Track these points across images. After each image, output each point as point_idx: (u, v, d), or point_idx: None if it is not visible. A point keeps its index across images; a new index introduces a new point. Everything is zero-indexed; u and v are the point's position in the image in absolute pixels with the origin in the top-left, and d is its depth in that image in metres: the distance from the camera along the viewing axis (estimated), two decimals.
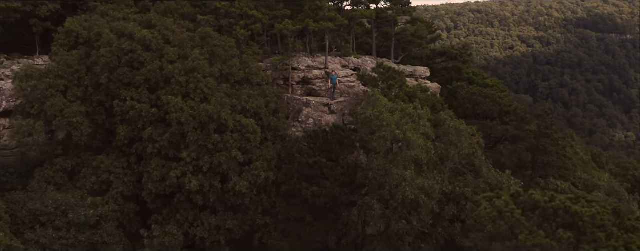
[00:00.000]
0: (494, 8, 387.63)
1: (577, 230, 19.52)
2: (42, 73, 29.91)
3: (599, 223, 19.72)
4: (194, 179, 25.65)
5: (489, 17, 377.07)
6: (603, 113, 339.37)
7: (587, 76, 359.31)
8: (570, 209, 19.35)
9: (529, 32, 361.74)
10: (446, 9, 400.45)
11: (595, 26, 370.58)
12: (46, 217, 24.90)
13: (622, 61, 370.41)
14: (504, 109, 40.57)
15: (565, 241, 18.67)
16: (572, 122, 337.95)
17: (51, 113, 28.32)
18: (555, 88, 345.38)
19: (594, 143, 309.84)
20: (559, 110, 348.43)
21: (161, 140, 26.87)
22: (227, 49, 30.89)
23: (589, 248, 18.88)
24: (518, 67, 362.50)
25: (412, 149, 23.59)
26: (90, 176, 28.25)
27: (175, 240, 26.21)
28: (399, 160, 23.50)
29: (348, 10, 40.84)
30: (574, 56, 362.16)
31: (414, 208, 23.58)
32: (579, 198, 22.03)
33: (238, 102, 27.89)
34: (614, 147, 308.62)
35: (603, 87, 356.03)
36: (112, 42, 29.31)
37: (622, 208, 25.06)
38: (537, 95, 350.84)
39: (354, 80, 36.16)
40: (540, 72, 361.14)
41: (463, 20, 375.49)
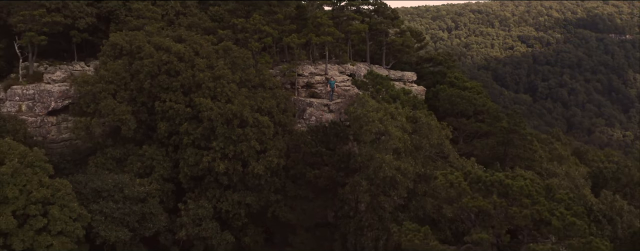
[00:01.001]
0: (494, 8, 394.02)
1: (509, 197, 26.87)
2: (96, 79, 37.30)
3: (526, 192, 27.05)
4: (222, 163, 33.04)
5: (489, 17, 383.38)
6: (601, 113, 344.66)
7: (586, 76, 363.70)
8: (503, 182, 26.72)
9: (529, 32, 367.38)
10: (447, 9, 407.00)
11: (595, 26, 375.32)
12: (106, 193, 32.30)
13: (621, 61, 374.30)
14: (478, 108, 47.88)
15: (498, 204, 26.03)
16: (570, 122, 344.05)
17: (105, 111, 35.71)
18: (554, 88, 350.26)
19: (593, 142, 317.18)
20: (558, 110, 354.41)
21: (195, 133, 34.29)
22: (245, 60, 38.35)
23: (517, 210, 26.22)
24: (518, 67, 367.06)
25: (391, 139, 30.97)
26: (136, 162, 35.67)
27: (206, 211, 33.63)
28: (381, 147, 30.91)
29: (344, 24, 48.14)
30: (574, 56, 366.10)
31: (392, 184, 30.96)
32: (517, 177, 29.44)
33: (255, 102, 35.31)
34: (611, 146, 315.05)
35: (602, 86, 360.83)
36: (153, 54, 36.75)
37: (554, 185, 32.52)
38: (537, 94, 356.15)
39: (349, 85, 43.65)
40: (539, 72, 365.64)
41: (464, 20, 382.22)
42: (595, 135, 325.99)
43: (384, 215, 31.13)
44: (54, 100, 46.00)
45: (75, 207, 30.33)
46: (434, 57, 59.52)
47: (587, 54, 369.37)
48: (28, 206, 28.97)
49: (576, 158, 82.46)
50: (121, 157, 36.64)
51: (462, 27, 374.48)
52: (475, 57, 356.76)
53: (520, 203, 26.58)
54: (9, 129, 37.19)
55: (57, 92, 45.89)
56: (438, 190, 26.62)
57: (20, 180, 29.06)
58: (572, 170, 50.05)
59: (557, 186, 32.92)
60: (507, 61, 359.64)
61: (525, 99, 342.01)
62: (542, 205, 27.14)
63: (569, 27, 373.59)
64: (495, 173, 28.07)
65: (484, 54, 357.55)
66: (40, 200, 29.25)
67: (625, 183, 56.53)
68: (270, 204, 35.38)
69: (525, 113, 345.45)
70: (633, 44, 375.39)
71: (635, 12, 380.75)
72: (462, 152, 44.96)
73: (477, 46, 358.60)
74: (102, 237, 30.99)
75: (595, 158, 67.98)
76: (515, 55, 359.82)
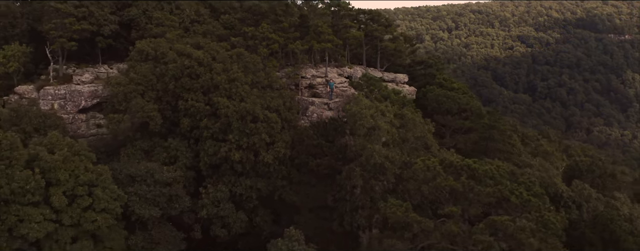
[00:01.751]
0: (494, 9, 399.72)
1: (476, 179, 32.94)
2: (126, 81, 43.38)
3: (490, 175, 33.13)
4: (237, 153, 39.12)
5: (489, 17, 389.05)
6: (600, 113, 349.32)
7: (585, 76, 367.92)
8: (471, 166, 32.80)
9: (528, 33, 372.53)
10: (447, 10, 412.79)
11: (594, 26, 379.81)
12: (140, 177, 38.38)
13: (619, 61, 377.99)
14: (462, 107, 53.92)
15: (466, 184, 32.08)
16: (569, 121, 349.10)
17: (135, 109, 41.80)
18: (553, 87, 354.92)
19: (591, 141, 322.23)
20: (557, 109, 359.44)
21: (213, 127, 40.38)
22: (255, 64, 44.46)
23: (482, 189, 32.26)
24: (517, 66, 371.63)
25: (381, 133, 37.07)
26: (162, 152, 41.79)
27: (223, 194, 39.74)
28: (372, 139, 37.01)
29: (343, 31, 54.16)
30: (573, 56, 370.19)
31: (381, 170, 37.02)
32: (483, 162, 35.52)
33: (264, 101, 41.40)
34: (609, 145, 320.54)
35: (601, 86, 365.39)
36: (176, 59, 42.87)
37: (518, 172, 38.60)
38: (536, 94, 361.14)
39: (346, 86, 49.76)
40: (539, 72, 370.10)
41: (464, 20, 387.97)
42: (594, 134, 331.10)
43: (375, 196, 37.16)
44: (84, 99, 52.21)
45: (114, 189, 36.43)
46: (425, 60, 65.63)
47: (586, 53, 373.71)
48: (76, 187, 35.02)
49: (564, 154, 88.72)
50: (148, 148, 42.75)
51: (462, 27, 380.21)
52: (475, 57, 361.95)
53: (484, 183, 32.66)
54: (50, 124, 43.23)
55: (86, 92, 52.14)
56: (418, 173, 32.67)
57: (70, 165, 35.12)
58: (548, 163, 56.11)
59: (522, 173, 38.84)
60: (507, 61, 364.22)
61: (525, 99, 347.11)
62: (503, 185, 33.23)
63: (568, 28, 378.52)
64: (465, 159, 34.17)
65: (483, 54, 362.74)
66: (86, 183, 35.31)
67: (598, 175, 62.67)
68: (277, 188, 41.47)
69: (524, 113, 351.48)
70: (632, 44, 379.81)
71: (634, 12, 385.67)
72: (448, 146, 50.93)
73: (477, 46, 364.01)
74: (137, 214, 37.11)
75: (573, 154, 74.08)
76: (515, 55, 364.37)
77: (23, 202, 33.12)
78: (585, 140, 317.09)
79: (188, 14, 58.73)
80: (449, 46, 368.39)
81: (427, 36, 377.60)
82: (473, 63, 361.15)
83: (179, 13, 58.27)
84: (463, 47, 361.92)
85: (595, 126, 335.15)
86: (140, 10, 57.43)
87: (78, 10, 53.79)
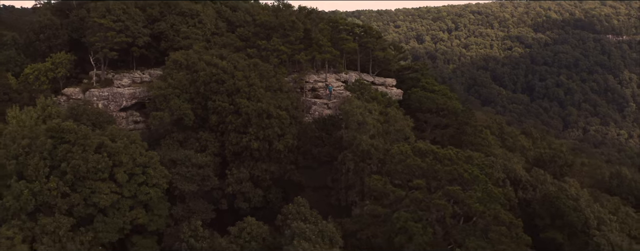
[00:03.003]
0: (494, 9, 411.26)
1: (438, 160, 44.44)
2: (165, 85, 54.91)
3: (448, 157, 44.62)
4: (255, 143, 50.64)
5: (489, 18, 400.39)
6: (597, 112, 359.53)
7: (582, 76, 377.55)
8: (434, 150, 44.32)
9: (527, 33, 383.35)
10: (448, 11, 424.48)
11: (592, 27, 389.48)
12: (180, 161, 49.89)
13: (617, 61, 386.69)
14: (440, 106, 65.29)
15: (429, 164, 43.55)
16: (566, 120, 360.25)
17: (173, 108, 53.34)
18: (551, 87, 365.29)
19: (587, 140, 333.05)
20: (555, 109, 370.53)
21: (236, 122, 51.90)
22: (268, 72, 56.10)
23: (440, 167, 43.70)
24: (516, 67, 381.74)
25: (368, 126, 48.60)
26: (194, 142, 53.35)
27: (244, 175, 51.29)
28: (361, 131, 48.55)
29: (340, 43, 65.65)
30: (571, 56, 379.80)
31: (368, 156, 48.49)
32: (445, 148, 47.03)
33: (276, 102, 52.95)
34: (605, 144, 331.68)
35: (598, 86, 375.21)
36: (205, 68, 54.42)
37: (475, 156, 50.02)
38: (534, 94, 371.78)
39: (343, 89, 61.31)
40: (537, 72, 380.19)
41: (464, 21, 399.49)
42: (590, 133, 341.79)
43: (364, 176, 48.65)
44: (124, 100, 64.00)
45: (162, 169, 47.93)
46: (411, 65, 77.19)
47: (584, 54, 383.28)
48: (134, 168, 46.48)
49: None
50: (183, 139, 54.36)
51: (462, 28, 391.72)
52: (475, 57, 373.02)
53: (444, 163, 44.18)
54: (103, 120, 54.80)
55: (126, 94, 63.89)
56: (394, 156, 44.18)
57: (129, 151, 46.61)
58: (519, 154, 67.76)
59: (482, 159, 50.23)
60: (506, 61, 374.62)
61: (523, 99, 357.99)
62: (459, 166, 44.76)
63: (567, 28, 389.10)
64: (430, 145, 45.71)
65: (483, 54, 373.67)
66: (141, 164, 46.79)
67: (560, 164, 74.33)
68: (286, 171, 53.06)
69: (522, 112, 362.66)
70: (629, 45, 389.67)
71: (632, 13, 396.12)
72: (428, 138, 62.36)
73: (476, 47, 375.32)
74: (179, 189, 48.69)
75: (539, 146, 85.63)
76: (514, 55, 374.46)
77: (95, 178, 44.61)
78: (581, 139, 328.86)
79: (209, 27, 70.44)
80: (448, 47, 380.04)
81: (427, 37, 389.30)
82: (472, 63, 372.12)
83: (201, 26, 69.94)
84: (462, 48, 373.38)
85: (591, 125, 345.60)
86: (168, 25, 69.17)
87: (116, 24, 65.59)
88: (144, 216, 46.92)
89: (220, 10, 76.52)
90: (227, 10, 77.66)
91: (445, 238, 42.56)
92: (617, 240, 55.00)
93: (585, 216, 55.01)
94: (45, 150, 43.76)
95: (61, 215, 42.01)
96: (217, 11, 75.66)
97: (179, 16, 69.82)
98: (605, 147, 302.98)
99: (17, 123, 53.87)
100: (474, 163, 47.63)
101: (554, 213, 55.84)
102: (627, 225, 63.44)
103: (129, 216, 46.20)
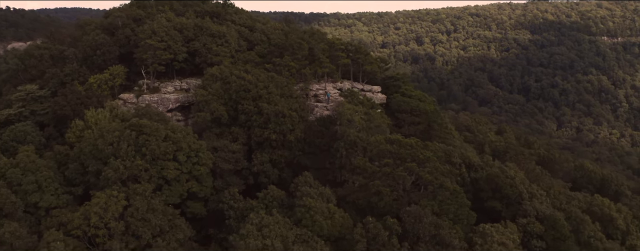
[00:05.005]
0: (492, 12, 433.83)
1: (401, 146, 66.28)
2: (206, 93, 76.78)
3: (409, 144, 66.46)
4: (273, 135, 72.54)
5: (487, 20, 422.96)
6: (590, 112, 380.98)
7: (577, 77, 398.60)
8: (399, 140, 66.21)
9: (524, 35, 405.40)
10: (447, 13, 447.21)
11: (588, 29, 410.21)
12: (220, 148, 71.74)
13: (611, 63, 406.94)
14: (414, 108, 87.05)
15: (395, 148, 65.40)
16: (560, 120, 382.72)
17: (212, 110, 75.25)
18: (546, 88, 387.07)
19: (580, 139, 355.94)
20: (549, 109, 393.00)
21: (259, 120, 73.88)
22: (282, 82, 78.04)
23: (404, 150, 65.50)
24: (512, 68, 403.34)
25: (355, 123, 70.57)
26: (228, 135, 75.27)
27: (266, 158, 73.22)
28: (350, 127, 70.53)
29: (336, 58, 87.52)
30: (566, 58, 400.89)
31: (355, 144, 70.34)
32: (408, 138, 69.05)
33: (288, 105, 74.87)
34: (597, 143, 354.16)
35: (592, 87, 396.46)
36: (235, 80, 76.37)
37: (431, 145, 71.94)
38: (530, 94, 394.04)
39: (338, 95, 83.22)
40: (533, 73, 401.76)
41: (462, 23, 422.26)
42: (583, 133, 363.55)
43: (351, 159, 70.41)
44: (171, 103, 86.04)
45: (209, 154, 69.75)
46: (394, 75, 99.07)
47: (579, 55, 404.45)
48: (189, 152, 68.28)
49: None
50: (219, 133, 76.23)
51: (460, 30, 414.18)
52: (473, 58, 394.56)
53: (405, 148, 66.01)
54: (161, 119, 76.69)
55: (172, 99, 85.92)
56: (372, 144, 65.99)
57: (186, 140, 68.39)
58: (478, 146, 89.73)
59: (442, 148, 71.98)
60: (503, 63, 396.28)
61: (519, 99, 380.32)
62: (417, 150, 66.63)
63: (563, 30, 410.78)
64: (398, 136, 67.54)
65: (480, 55, 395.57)
66: (194, 149, 68.57)
67: (513, 154, 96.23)
68: (296, 156, 74.96)
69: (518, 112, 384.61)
70: (624, 46, 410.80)
71: (627, 15, 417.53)
72: (404, 133, 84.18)
73: (474, 48, 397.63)
74: (220, 168, 70.60)
75: (539, 147, 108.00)
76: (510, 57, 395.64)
77: (164, 159, 66.37)
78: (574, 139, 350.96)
79: (233, 45, 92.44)
80: (447, 48, 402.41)
81: (426, 38, 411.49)
82: (470, 64, 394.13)
83: (227, 45, 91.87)
84: (461, 50, 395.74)
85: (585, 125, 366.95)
86: (201, 44, 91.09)
87: (162, 43, 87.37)
88: (196, 186, 68.66)
89: (241, 31, 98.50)
90: (245, 30, 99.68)
91: (406, 200, 64.32)
92: (541, 208, 76.49)
93: (518, 190, 76.49)
94: (131, 139, 65.61)
95: (145, 183, 63.65)
96: (239, 32, 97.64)
97: (209, 37, 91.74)
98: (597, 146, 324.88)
99: (94, 121, 75.86)
100: (428, 149, 69.55)
101: (495, 188, 77.49)
102: (558, 200, 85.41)
103: (186, 186, 67.87)
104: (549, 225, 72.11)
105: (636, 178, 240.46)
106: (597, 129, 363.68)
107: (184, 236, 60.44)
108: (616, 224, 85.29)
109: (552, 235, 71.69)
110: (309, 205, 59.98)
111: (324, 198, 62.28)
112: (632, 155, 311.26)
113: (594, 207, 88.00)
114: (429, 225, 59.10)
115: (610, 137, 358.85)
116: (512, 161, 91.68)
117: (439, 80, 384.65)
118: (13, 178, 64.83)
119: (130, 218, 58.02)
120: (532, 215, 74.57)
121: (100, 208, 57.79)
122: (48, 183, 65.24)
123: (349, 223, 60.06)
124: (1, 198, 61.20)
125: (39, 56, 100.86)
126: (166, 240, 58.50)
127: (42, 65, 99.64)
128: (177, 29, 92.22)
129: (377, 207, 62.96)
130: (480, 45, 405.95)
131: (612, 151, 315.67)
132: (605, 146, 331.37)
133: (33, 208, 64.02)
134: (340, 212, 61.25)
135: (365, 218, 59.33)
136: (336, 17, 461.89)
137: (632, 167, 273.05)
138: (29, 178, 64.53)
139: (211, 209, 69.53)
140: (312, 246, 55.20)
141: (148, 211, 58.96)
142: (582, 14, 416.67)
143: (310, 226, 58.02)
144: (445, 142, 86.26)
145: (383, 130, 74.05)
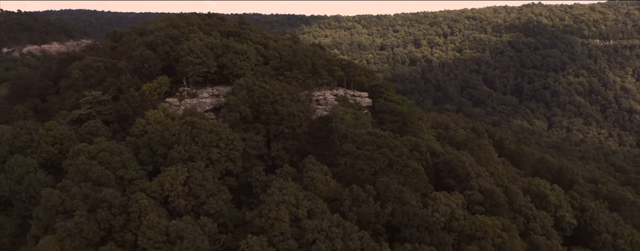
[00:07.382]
0: (487, 15, 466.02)
1: (377, 137, 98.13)
2: (237, 98, 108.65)
3: (383, 136, 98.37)
4: (286, 130, 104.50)
5: (482, 23, 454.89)
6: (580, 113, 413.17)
7: (569, 79, 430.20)
8: (376, 132, 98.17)
9: (518, 38, 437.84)
10: (444, 16, 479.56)
11: (581, 32, 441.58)
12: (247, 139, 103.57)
13: (602, 65, 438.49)
14: (392, 110, 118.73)
15: (373, 138, 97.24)
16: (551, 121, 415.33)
17: (241, 110, 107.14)
18: (539, 89, 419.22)
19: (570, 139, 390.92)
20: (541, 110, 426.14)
21: (275, 118, 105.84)
22: (292, 90, 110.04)
23: (381, 140, 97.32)
24: (506, 70, 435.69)
25: (345, 120, 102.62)
26: (252, 129, 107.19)
27: (281, 146, 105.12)
28: (342, 123, 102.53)
29: (332, 71, 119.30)
30: (558, 60, 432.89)
31: (345, 136, 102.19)
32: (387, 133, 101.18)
33: (297, 108, 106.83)
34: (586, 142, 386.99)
35: (583, 88, 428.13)
36: (257, 89, 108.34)
37: (404, 138, 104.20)
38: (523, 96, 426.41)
39: (334, 100, 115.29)
40: (526, 75, 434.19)
41: (459, 26, 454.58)
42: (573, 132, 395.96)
43: (343, 146, 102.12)
44: (206, 106, 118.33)
45: (240, 142, 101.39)
46: (379, 83, 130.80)
47: (571, 58, 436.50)
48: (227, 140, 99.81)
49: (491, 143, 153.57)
50: (245, 128, 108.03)
51: (457, 33, 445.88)
52: (468, 60, 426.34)
53: (381, 138, 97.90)
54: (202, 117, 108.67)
55: (208, 102, 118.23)
56: (357, 136, 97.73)
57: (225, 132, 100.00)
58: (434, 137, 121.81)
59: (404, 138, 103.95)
60: (497, 65, 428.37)
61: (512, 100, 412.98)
62: (388, 139, 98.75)
63: (556, 33, 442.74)
64: (378, 130, 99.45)
65: (476, 57, 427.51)
66: (230, 139, 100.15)
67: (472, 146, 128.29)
68: (303, 145, 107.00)
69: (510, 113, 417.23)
70: (615, 49, 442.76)
71: (619, 18, 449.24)
72: (383, 129, 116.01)
73: (470, 51, 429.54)
74: (247, 153, 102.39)
75: (510, 144, 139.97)
76: (505, 59, 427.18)
77: (210, 145, 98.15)
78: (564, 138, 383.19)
79: (253, 60, 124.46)
80: (444, 51, 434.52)
81: (424, 41, 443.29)
82: (465, 67, 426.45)
83: (248, 60, 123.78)
84: (457, 52, 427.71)
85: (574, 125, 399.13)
86: (228, 59, 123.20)
87: (198, 59, 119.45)
88: (231, 165, 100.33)
89: (257, 48, 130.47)
90: (261, 47, 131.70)
91: (380, 174, 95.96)
92: (484, 184, 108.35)
93: (467, 171, 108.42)
94: (187, 131, 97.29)
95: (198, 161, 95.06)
96: (256, 49, 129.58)
97: (234, 54, 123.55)
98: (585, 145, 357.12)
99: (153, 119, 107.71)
100: (398, 139, 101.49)
101: (450, 169, 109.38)
102: (501, 179, 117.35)
103: (224, 165, 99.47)
104: (487, 195, 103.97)
105: (618, 174, 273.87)
106: (586, 129, 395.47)
107: (227, 197, 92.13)
108: (549, 199, 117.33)
109: (490, 202, 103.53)
110: (313, 176, 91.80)
111: (323, 172, 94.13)
112: (617, 154, 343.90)
113: (532, 186, 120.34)
114: (395, 190, 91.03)
115: (598, 136, 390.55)
116: (469, 151, 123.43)
117: (436, 81, 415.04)
118: (103, 158, 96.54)
119: (192, 184, 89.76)
120: (476, 188, 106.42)
121: (171, 177, 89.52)
122: (129, 162, 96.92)
123: (340, 188, 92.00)
124: (98, 172, 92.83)
125: (96, 68, 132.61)
126: (216, 199, 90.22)
127: (99, 75, 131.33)
128: (209, 47, 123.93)
129: (360, 179, 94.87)
130: (476, 48, 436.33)
131: (598, 150, 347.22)
132: (592, 145, 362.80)
133: (120, 180, 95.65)
134: (334, 182, 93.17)
135: (351, 186, 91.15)
136: (336, 19, 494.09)
137: (615, 164, 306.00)
138: (116, 158, 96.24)
139: (242, 182, 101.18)
140: (315, 202, 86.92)
141: (203, 180, 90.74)
142: (576, 17, 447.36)
143: (313, 190, 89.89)
144: (415, 135, 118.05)
145: (367, 126, 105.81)
